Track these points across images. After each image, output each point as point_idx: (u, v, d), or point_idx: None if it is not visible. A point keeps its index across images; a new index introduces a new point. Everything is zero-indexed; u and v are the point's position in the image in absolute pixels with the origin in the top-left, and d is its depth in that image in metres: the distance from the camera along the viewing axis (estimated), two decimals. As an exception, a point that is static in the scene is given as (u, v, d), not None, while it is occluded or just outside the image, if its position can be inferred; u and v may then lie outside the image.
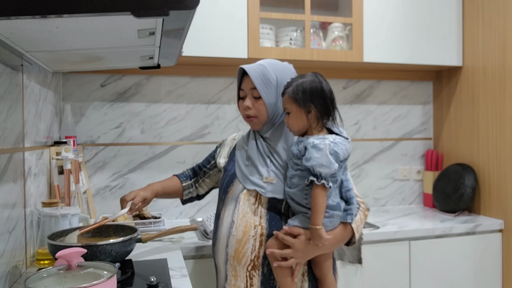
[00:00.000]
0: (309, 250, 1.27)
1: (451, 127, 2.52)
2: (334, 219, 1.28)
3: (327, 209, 1.25)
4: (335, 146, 1.22)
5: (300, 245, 1.25)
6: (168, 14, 0.77)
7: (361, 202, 1.39)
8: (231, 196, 1.41)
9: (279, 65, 1.42)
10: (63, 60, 1.34)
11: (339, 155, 1.23)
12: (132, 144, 2.22)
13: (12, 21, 0.80)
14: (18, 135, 1.38)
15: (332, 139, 1.24)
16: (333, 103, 1.30)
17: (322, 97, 1.28)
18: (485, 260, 2.14)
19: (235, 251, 1.34)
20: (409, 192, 2.64)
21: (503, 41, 2.14)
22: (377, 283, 1.99)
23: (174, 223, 2.14)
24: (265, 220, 1.33)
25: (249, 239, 1.32)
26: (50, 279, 0.94)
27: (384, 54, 2.24)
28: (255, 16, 2.05)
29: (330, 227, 1.27)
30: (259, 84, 1.35)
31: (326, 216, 1.25)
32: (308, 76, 1.30)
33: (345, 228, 1.31)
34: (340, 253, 1.93)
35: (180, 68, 2.20)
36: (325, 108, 1.28)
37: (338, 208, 1.27)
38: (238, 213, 1.36)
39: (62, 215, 1.46)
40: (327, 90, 1.29)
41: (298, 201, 1.28)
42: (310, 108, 1.27)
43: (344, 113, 2.52)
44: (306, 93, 1.27)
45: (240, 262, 1.33)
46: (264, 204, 1.34)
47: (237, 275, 1.34)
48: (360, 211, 1.36)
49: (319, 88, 1.28)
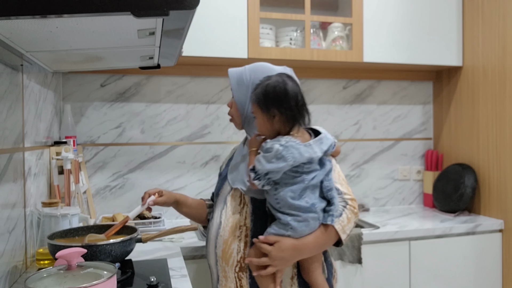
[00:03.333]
0: (287, 257, 1.23)
1: (451, 127, 2.52)
2: (310, 222, 1.22)
3: (299, 213, 1.20)
4: (284, 150, 1.18)
5: (276, 253, 1.21)
6: (168, 14, 0.77)
7: (350, 200, 1.30)
8: (221, 197, 1.41)
9: (260, 66, 1.38)
10: (63, 60, 1.34)
11: (287, 159, 1.17)
12: (132, 144, 2.22)
13: (12, 21, 0.80)
14: (18, 135, 1.38)
15: (284, 142, 1.19)
16: (299, 104, 1.23)
17: (285, 100, 1.22)
18: (485, 260, 2.14)
19: (223, 252, 1.34)
20: (409, 192, 2.64)
21: (503, 41, 2.14)
22: (377, 283, 1.99)
23: (174, 223, 2.14)
24: (250, 221, 1.32)
25: (235, 239, 1.32)
26: (50, 279, 0.94)
27: (384, 54, 2.24)
28: (255, 16, 2.05)
29: (307, 230, 1.22)
30: (233, 84, 1.37)
31: (300, 220, 1.20)
32: (273, 78, 1.25)
33: (326, 230, 1.25)
34: (340, 253, 1.93)
35: (180, 68, 2.20)
36: (290, 111, 1.22)
37: (312, 210, 1.21)
38: (225, 213, 1.36)
39: (62, 215, 1.46)
40: (292, 92, 1.22)
41: (273, 205, 1.25)
42: (273, 113, 1.23)
43: (344, 113, 2.52)
44: (269, 98, 1.22)
45: (228, 263, 1.33)
46: (249, 204, 1.33)
47: (227, 276, 1.34)
48: (347, 210, 1.28)
49: (282, 91, 1.22)
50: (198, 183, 2.30)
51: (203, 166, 2.31)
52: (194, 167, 2.30)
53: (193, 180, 2.29)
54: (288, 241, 1.22)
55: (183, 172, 2.28)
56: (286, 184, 1.22)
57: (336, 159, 1.41)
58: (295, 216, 1.21)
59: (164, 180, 2.25)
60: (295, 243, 1.22)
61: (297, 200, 1.21)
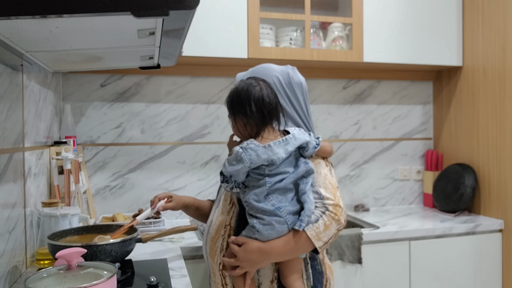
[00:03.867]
0: (253, 259, 1.22)
1: (451, 127, 2.52)
2: (275, 225, 1.19)
3: (264, 216, 1.19)
4: (243, 152, 1.18)
5: (242, 254, 1.21)
6: (168, 14, 0.77)
7: (332, 205, 1.22)
8: (218, 197, 1.44)
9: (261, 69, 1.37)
10: (63, 60, 1.34)
11: (244, 161, 1.18)
12: (132, 144, 2.22)
13: (12, 21, 0.80)
14: (18, 135, 1.38)
15: (246, 144, 1.20)
16: (264, 107, 1.22)
17: (248, 104, 1.22)
18: (485, 260, 2.14)
19: (210, 249, 1.36)
20: (409, 192, 2.64)
21: (503, 41, 2.14)
22: (377, 283, 1.99)
23: (174, 223, 2.14)
24: (235, 221, 1.33)
25: (219, 237, 1.33)
26: (50, 279, 0.94)
27: (384, 54, 2.24)
28: (255, 16, 2.05)
29: (273, 234, 1.19)
30: None
31: (264, 224, 1.19)
32: (240, 83, 1.26)
33: (297, 235, 1.20)
34: (340, 253, 1.93)
35: (180, 68, 2.20)
36: (256, 114, 1.22)
37: (276, 213, 1.19)
38: (216, 212, 1.38)
39: (62, 215, 1.46)
40: (256, 96, 1.22)
41: (246, 209, 1.26)
42: (237, 117, 1.25)
43: (344, 113, 2.52)
44: (234, 102, 1.24)
45: (214, 260, 1.34)
46: (237, 205, 1.34)
47: (214, 272, 1.36)
48: (324, 216, 1.21)
49: (245, 96, 1.22)
50: (198, 183, 2.30)
51: (203, 166, 2.31)
52: (194, 167, 2.30)
53: (193, 180, 2.29)
54: (255, 244, 1.21)
55: (183, 172, 2.28)
56: (253, 187, 1.22)
57: (329, 160, 1.36)
58: (260, 219, 1.20)
59: (164, 180, 2.25)
60: (261, 246, 1.21)
61: (261, 203, 1.20)
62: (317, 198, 1.25)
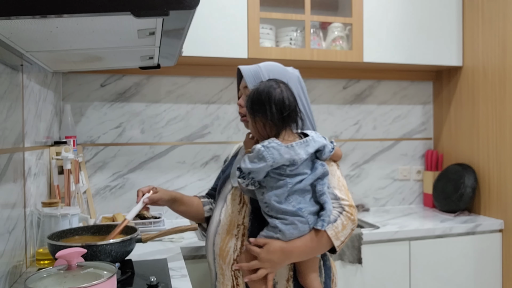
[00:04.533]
0: (276, 259, 1.22)
1: (451, 127, 2.52)
2: (298, 225, 1.21)
3: (286, 216, 1.20)
4: (265, 150, 1.19)
5: (265, 255, 1.22)
6: (168, 14, 0.77)
7: (348, 206, 1.28)
8: (221, 195, 1.42)
9: (275, 67, 1.40)
10: (63, 60, 1.34)
11: (267, 160, 1.18)
12: (132, 144, 2.22)
13: (12, 21, 0.80)
14: (18, 135, 1.38)
15: (267, 143, 1.20)
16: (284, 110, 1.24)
17: (270, 105, 1.23)
18: (485, 260, 2.14)
19: (220, 250, 1.34)
20: (409, 192, 2.64)
21: (503, 41, 2.14)
22: (377, 283, 1.99)
23: (174, 223, 2.14)
24: (248, 220, 1.32)
25: (232, 237, 1.32)
26: (50, 279, 0.94)
27: (384, 54, 2.24)
28: (255, 16, 2.05)
29: (295, 233, 1.21)
30: (251, 83, 1.36)
31: (287, 223, 1.20)
32: (262, 83, 1.27)
33: (317, 235, 1.23)
34: (340, 253, 1.93)
35: (180, 68, 2.20)
36: (276, 116, 1.23)
37: (298, 214, 1.21)
38: (225, 212, 1.37)
39: (62, 215, 1.46)
40: (277, 98, 1.24)
41: (263, 209, 1.26)
42: (258, 117, 1.25)
43: (344, 113, 2.52)
44: (254, 102, 1.25)
45: (225, 261, 1.33)
46: (248, 204, 1.33)
47: (224, 274, 1.34)
48: (342, 216, 1.26)
49: (267, 96, 1.23)
50: (198, 183, 2.30)
51: (203, 166, 2.31)
52: (194, 167, 2.30)
53: (193, 180, 2.29)
54: (277, 243, 1.22)
55: (183, 172, 2.28)
56: (271, 187, 1.22)
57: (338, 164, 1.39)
58: (282, 219, 1.21)
59: (164, 180, 2.25)
60: (283, 246, 1.22)
61: (282, 204, 1.21)
62: (333, 199, 1.28)
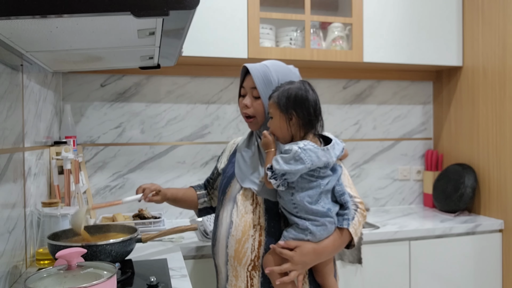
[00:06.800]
0: (308, 261, 1.26)
1: (451, 127, 2.52)
2: (327, 226, 1.25)
3: (317, 217, 1.23)
4: (302, 152, 1.20)
5: (298, 258, 1.23)
6: (168, 14, 0.77)
7: (359, 203, 1.36)
8: (229, 197, 1.41)
9: (282, 67, 1.41)
10: (63, 60, 1.34)
11: (305, 162, 1.19)
12: (132, 144, 2.22)
13: (12, 21, 0.80)
14: (18, 135, 1.38)
15: (303, 145, 1.22)
16: (316, 112, 1.28)
17: (305, 106, 1.26)
18: (485, 260, 2.14)
19: (235, 251, 1.33)
20: (409, 192, 2.64)
21: (503, 41, 2.14)
22: (377, 283, 1.99)
23: (174, 223, 2.14)
24: (264, 220, 1.33)
25: (249, 238, 1.32)
26: (50, 279, 0.94)
27: (384, 54, 2.24)
28: (255, 16, 2.05)
29: (325, 234, 1.26)
30: (260, 84, 1.35)
31: (318, 225, 1.24)
32: (296, 83, 1.29)
33: (342, 233, 1.29)
34: (340, 253, 1.93)
35: (180, 68, 2.20)
36: (308, 117, 1.27)
37: (328, 214, 1.25)
38: (236, 213, 1.36)
39: (62, 215, 1.46)
40: (312, 100, 1.27)
41: (288, 210, 1.27)
42: (292, 116, 1.26)
43: (344, 113, 2.52)
44: (290, 100, 1.26)
45: (241, 262, 1.33)
46: (262, 204, 1.34)
47: (237, 275, 1.34)
48: (357, 213, 1.34)
49: (303, 96, 1.26)
50: (198, 183, 2.29)
51: (203, 166, 2.31)
52: (194, 167, 2.30)
53: (193, 180, 2.29)
54: (309, 245, 1.25)
55: (183, 172, 2.28)
56: (302, 188, 1.24)
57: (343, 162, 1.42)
58: (313, 220, 1.24)
59: (164, 180, 2.25)
60: (315, 247, 1.25)
61: (314, 205, 1.23)
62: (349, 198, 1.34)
